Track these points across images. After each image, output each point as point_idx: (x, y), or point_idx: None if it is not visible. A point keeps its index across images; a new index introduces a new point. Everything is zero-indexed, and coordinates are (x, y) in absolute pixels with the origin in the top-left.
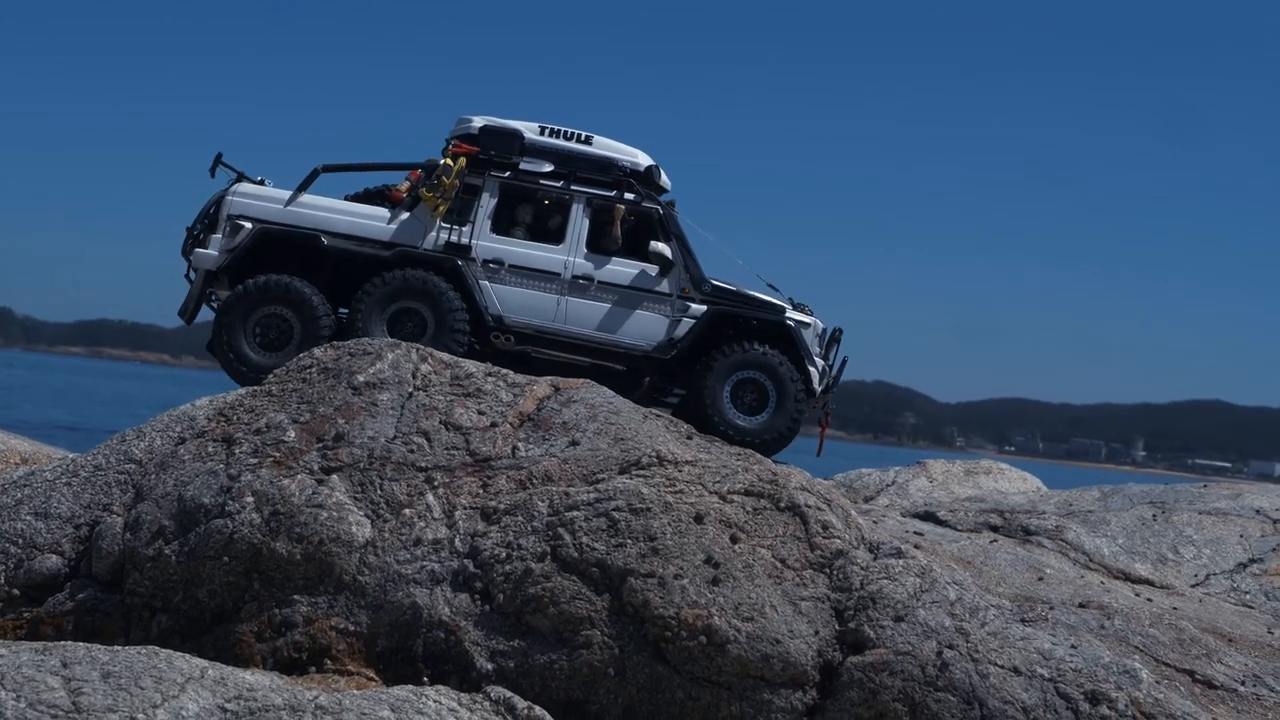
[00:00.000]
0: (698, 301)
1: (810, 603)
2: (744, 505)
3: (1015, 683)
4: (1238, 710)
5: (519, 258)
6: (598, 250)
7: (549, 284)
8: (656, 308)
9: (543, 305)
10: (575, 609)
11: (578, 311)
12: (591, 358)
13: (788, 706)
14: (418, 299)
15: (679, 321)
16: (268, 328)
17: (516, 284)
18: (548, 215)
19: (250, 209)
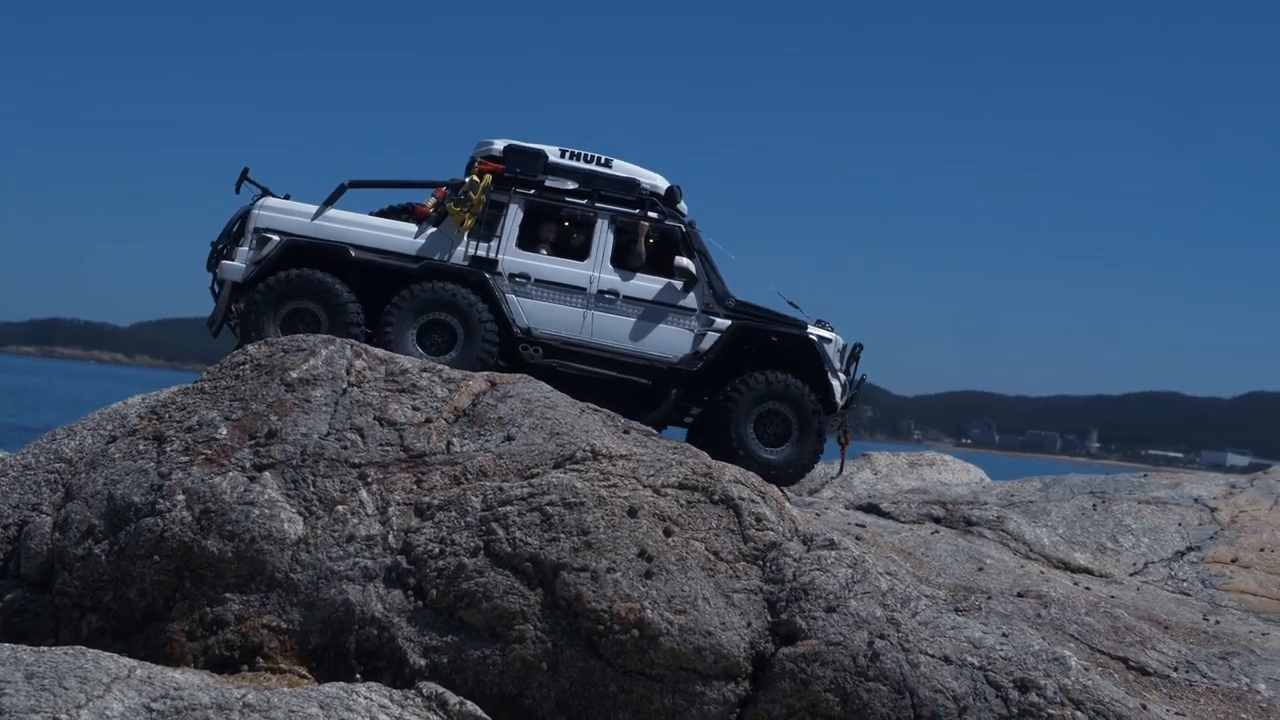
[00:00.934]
0: (722, 316)
1: (743, 595)
2: (678, 498)
3: (945, 671)
4: (1170, 696)
5: (545, 272)
6: (622, 266)
7: (575, 298)
8: (682, 321)
9: (569, 318)
10: (508, 604)
11: (604, 325)
12: (618, 371)
13: (720, 698)
14: (448, 311)
15: (704, 335)
16: (295, 322)
17: (543, 298)
18: (572, 232)
19: (277, 222)
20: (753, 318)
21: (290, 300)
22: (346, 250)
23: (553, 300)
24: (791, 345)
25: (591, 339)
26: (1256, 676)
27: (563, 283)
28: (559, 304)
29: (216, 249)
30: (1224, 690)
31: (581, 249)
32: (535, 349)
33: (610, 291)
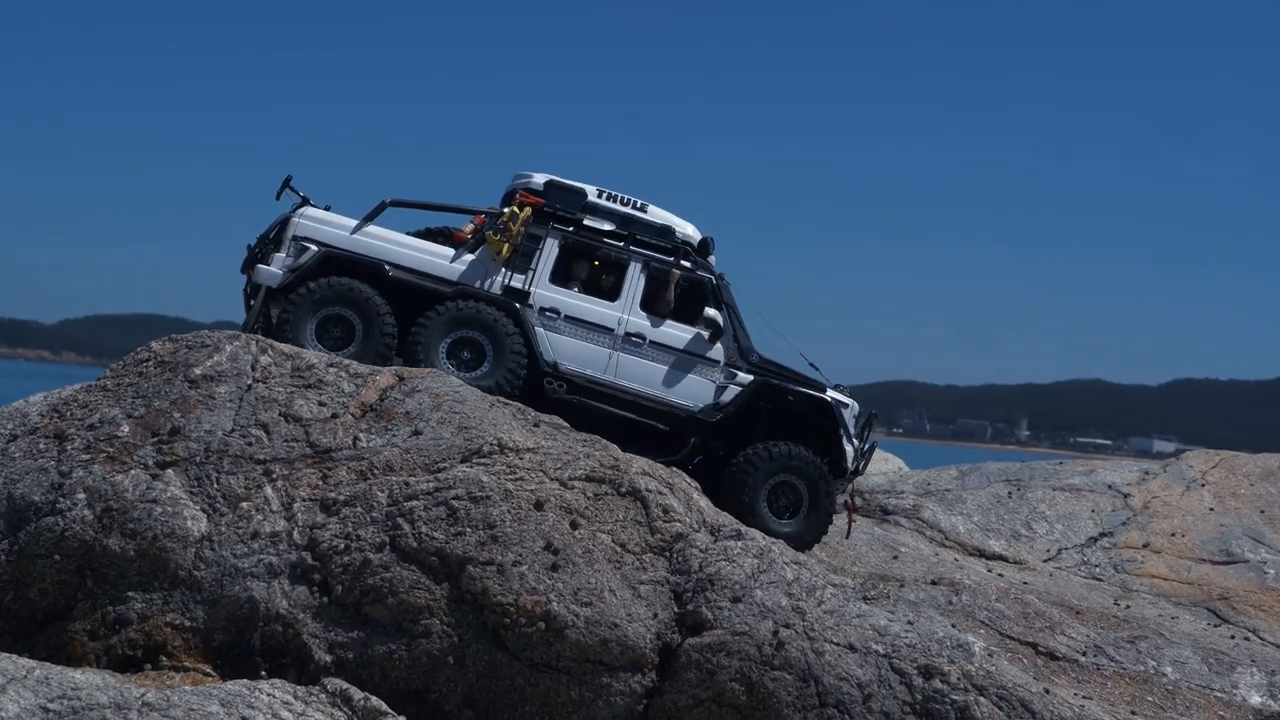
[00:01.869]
0: (744, 370)
1: (649, 586)
2: (585, 491)
3: (850, 659)
4: (1078, 680)
5: (575, 309)
6: (650, 311)
7: (602, 337)
8: (705, 372)
9: (595, 357)
10: (414, 598)
11: (629, 367)
12: (638, 414)
13: (626, 689)
14: (478, 329)
15: (725, 388)
16: (330, 328)
17: (571, 334)
18: (604, 272)
19: (316, 232)
20: (774, 375)
21: (328, 306)
22: (383, 267)
23: (580, 338)
24: (810, 407)
25: (615, 379)
26: (1163, 660)
27: (592, 321)
28: (586, 342)
29: (253, 253)
30: (1131, 673)
31: (611, 290)
32: (560, 384)
33: (637, 335)
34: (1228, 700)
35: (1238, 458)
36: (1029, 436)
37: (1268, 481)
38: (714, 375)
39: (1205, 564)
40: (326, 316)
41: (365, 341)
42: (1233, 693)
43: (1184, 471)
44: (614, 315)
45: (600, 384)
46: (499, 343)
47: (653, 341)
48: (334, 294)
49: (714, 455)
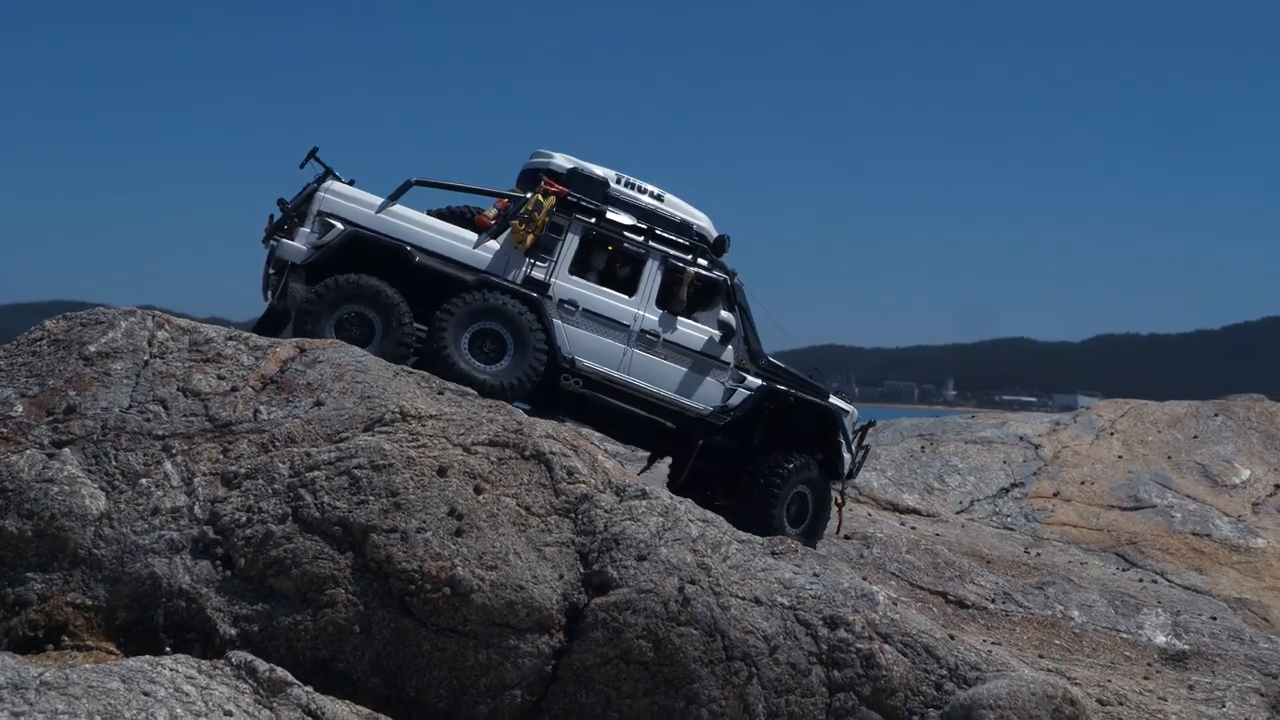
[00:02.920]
0: (753, 374)
1: (555, 548)
2: (488, 456)
3: (756, 613)
4: (988, 627)
5: (593, 303)
6: (664, 308)
7: (618, 333)
8: (716, 374)
9: (611, 353)
10: (318, 569)
11: (642, 364)
12: (648, 411)
13: (534, 651)
14: (501, 322)
15: (734, 391)
16: (349, 327)
17: (588, 328)
18: (619, 265)
19: (342, 209)
20: (781, 380)
21: (345, 304)
22: (409, 252)
23: (597, 332)
24: (814, 414)
25: (628, 377)
26: (1070, 604)
27: (609, 316)
28: (603, 337)
29: (275, 225)
30: (1039, 618)
31: (626, 282)
32: (576, 380)
33: (652, 332)
34: (1133, 641)
35: (1146, 406)
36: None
37: (1175, 428)
38: (724, 378)
39: (1114, 510)
40: (345, 316)
41: (384, 340)
42: (1138, 633)
43: (1093, 421)
44: (630, 311)
45: (615, 381)
46: (521, 337)
47: (666, 340)
48: (354, 292)
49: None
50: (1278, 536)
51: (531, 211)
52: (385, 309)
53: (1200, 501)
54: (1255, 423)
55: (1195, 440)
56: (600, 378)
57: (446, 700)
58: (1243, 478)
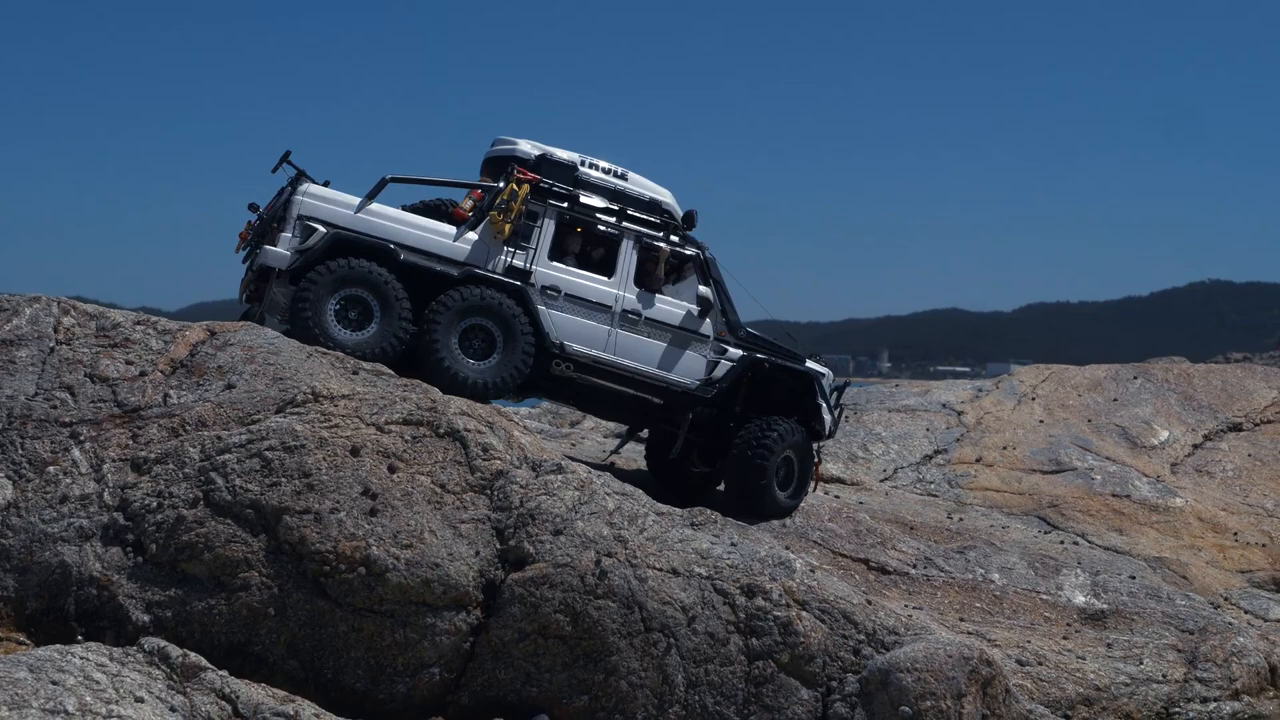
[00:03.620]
0: (733, 345)
1: (471, 525)
2: (403, 434)
3: (674, 583)
4: (909, 592)
5: (575, 287)
6: (642, 287)
7: (601, 315)
8: (698, 348)
9: (596, 335)
10: (231, 552)
11: (627, 344)
12: (636, 389)
13: (452, 628)
14: (490, 318)
15: (717, 364)
16: (348, 309)
17: (573, 312)
18: (594, 247)
19: (321, 211)
20: (762, 350)
21: (346, 287)
22: (394, 250)
23: (581, 315)
24: (794, 380)
25: (616, 357)
26: (991, 567)
27: (591, 299)
28: (587, 319)
29: (255, 230)
30: (960, 582)
31: (602, 263)
32: (567, 365)
33: (633, 311)
34: (1053, 601)
35: (1067, 370)
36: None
37: (1095, 392)
38: (705, 350)
39: (1036, 474)
40: (346, 298)
41: (383, 324)
42: (1058, 594)
43: (1015, 387)
44: (611, 293)
45: (604, 363)
46: (510, 332)
47: (648, 318)
48: (353, 275)
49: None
50: (1196, 496)
51: (507, 201)
52: (383, 292)
53: (1120, 463)
54: (1173, 385)
55: (1115, 403)
56: (590, 360)
57: (364, 680)
58: (1161, 439)
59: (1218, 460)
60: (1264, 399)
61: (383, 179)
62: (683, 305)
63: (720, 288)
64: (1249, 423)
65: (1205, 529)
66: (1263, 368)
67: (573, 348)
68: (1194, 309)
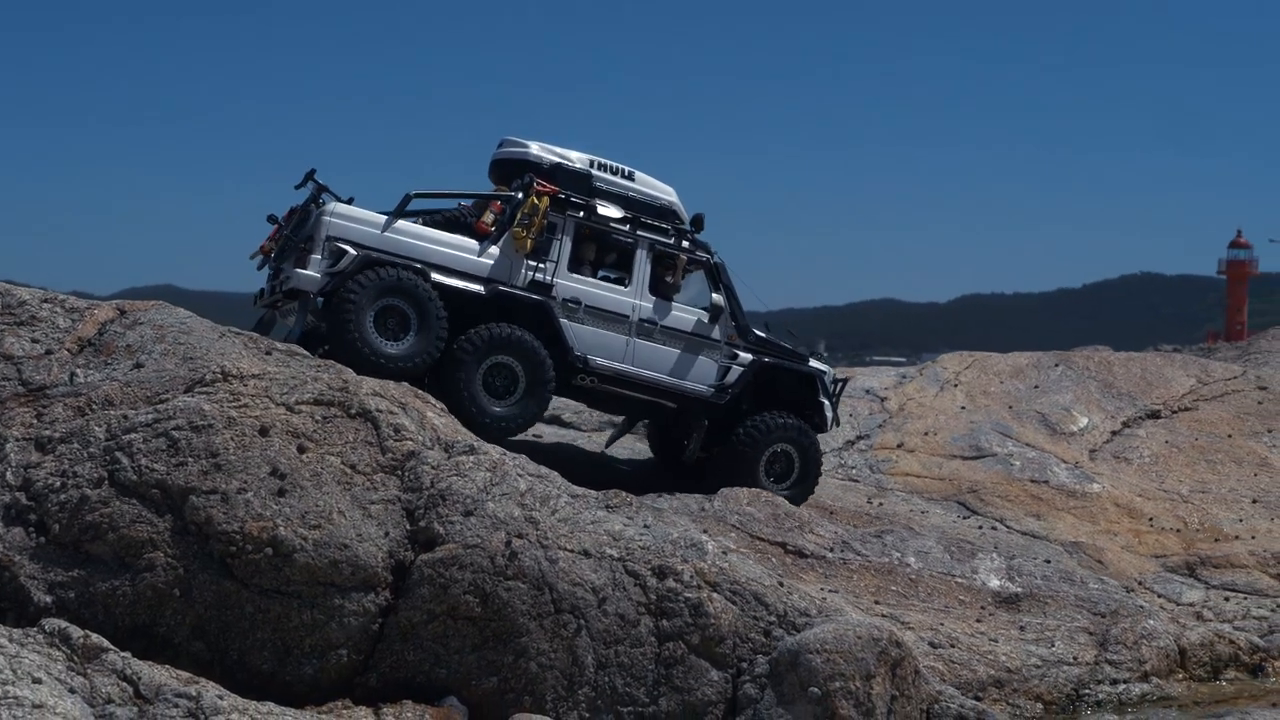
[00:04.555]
0: (743, 350)
1: (380, 505)
2: (313, 414)
3: (585, 565)
4: (826, 575)
5: (594, 298)
6: (656, 295)
7: (619, 325)
8: (710, 353)
9: (615, 346)
10: (136, 532)
11: (644, 353)
12: (653, 396)
13: (360, 609)
14: (515, 354)
15: (729, 369)
16: (386, 318)
17: (593, 324)
18: (608, 255)
19: (349, 232)
20: (769, 351)
21: (386, 297)
22: (424, 270)
23: (601, 327)
24: (800, 381)
25: (635, 369)
26: (907, 551)
27: (609, 310)
28: (607, 331)
29: (280, 250)
30: (876, 565)
31: (615, 267)
32: (591, 379)
33: (649, 320)
34: (968, 585)
35: (990, 358)
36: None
37: (1017, 379)
38: (717, 356)
39: (956, 459)
40: (385, 307)
41: (420, 336)
42: (973, 578)
43: (938, 374)
44: (629, 302)
45: (624, 375)
46: (534, 369)
47: (663, 326)
48: (391, 286)
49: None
50: (1113, 482)
51: (529, 215)
52: (422, 304)
53: (1039, 449)
54: (1094, 372)
55: (1036, 390)
56: (612, 373)
57: (271, 662)
58: (1080, 425)
59: (1135, 447)
60: (1182, 387)
61: (406, 195)
62: (695, 312)
63: (730, 292)
64: (1167, 410)
65: (1121, 514)
66: (1181, 356)
67: (596, 361)
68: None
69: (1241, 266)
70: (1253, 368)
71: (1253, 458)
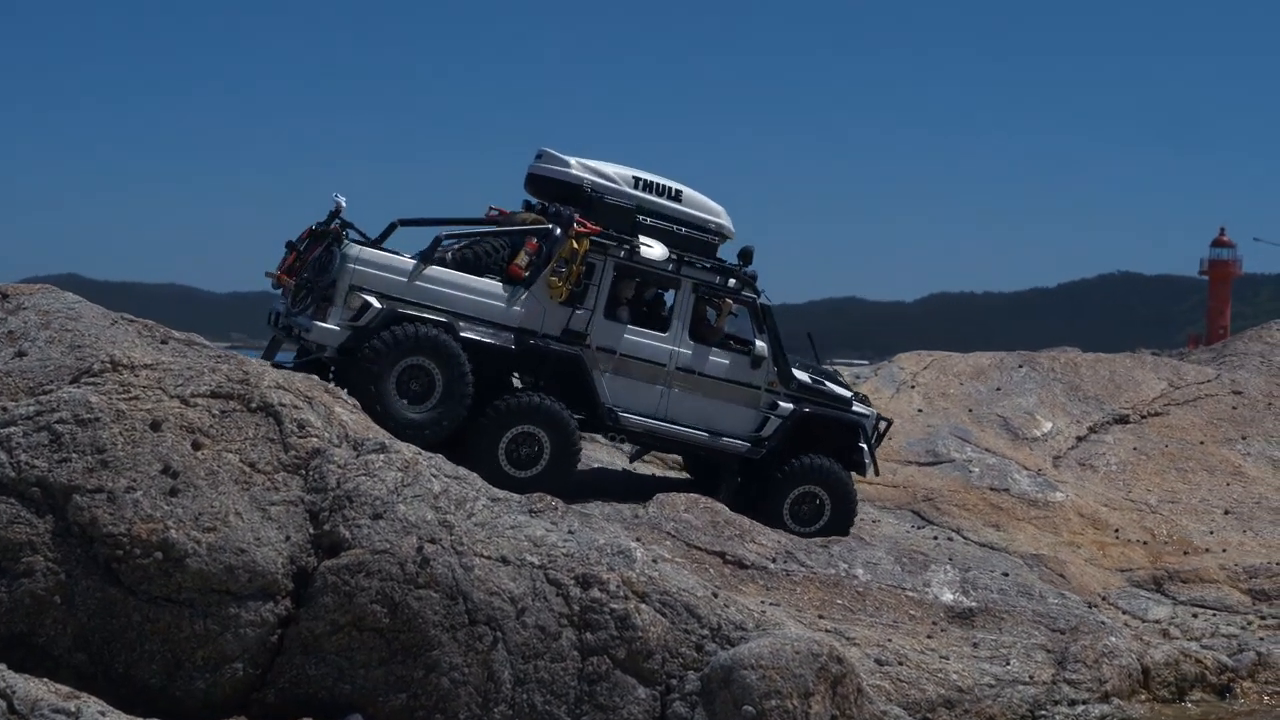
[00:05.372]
0: (783, 398)
1: (281, 507)
2: (210, 408)
3: (503, 573)
4: (767, 588)
5: (630, 346)
6: (697, 338)
7: (654, 374)
8: (749, 404)
9: (649, 398)
10: (14, 534)
11: (679, 406)
12: (686, 446)
13: (258, 619)
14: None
15: (767, 419)
16: (409, 379)
17: (626, 372)
18: (647, 291)
19: (372, 280)
20: (812, 400)
21: (409, 355)
22: (454, 327)
23: (635, 376)
24: (843, 429)
25: (665, 424)
26: (855, 562)
27: (645, 358)
28: (641, 381)
29: (297, 293)
30: (822, 577)
31: (658, 314)
32: (620, 437)
33: (687, 368)
34: (919, 599)
35: (950, 358)
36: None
37: (978, 380)
38: (756, 406)
39: (911, 465)
40: (408, 367)
41: (445, 400)
42: (925, 591)
43: (895, 374)
44: (666, 349)
45: (658, 434)
46: (562, 438)
47: (701, 374)
48: (415, 344)
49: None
50: (1077, 490)
51: (567, 260)
52: (448, 362)
53: (1000, 455)
54: (1060, 374)
55: (998, 392)
56: (643, 430)
57: (160, 676)
58: (1044, 430)
59: (1101, 454)
60: (1152, 390)
61: (437, 237)
62: (737, 357)
63: (774, 335)
64: (1136, 415)
65: (1085, 525)
66: (1153, 358)
67: (627, 418)
68: (1104, 301)
69: (1224, 266)
70: (1227, 371)
71: (1225, 466)
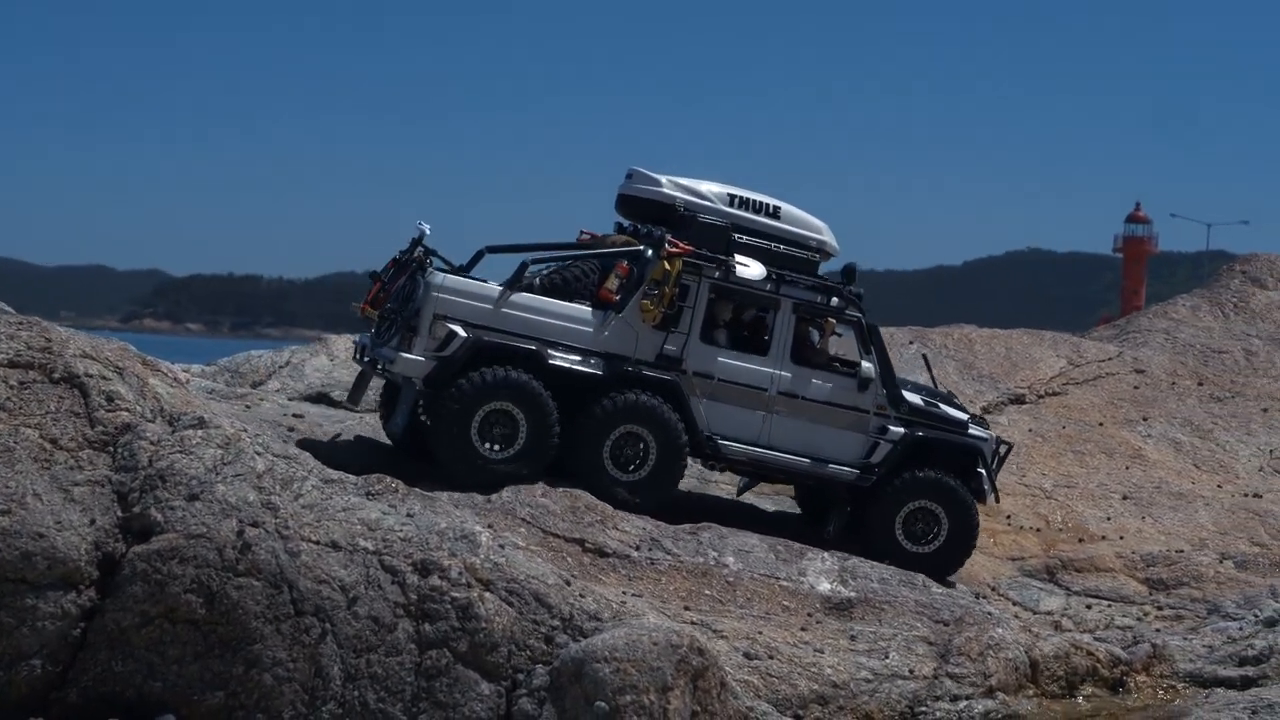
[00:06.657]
0: (893, 422)
1: (86, 488)
2: (7, 379)
3: (332, 559)
4: (629, 577)
5: (728, 371)
6: (799, 360)
7: (755, 399)
8: (856, 429)
9: (749, 425)
10: None
11: (781, 432)
12: (788, 477)
13: (57, 611)
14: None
15: (876, 445)
16: (492, 425)
17: (725, 398)
18: (746, 313)
19: (457, 309)
20: (925, 423)
21: (491, 400)
22: (543, 356)
23: (734, 402)
24: (960, 454)
25: (768, 451)
26: (726, 550)
27: (744, 383)
28: (740, 407)
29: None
30: (689, 567)
31: (759, 337)
32: (719, 467)
33: (789, 394)
34: (794, 589)
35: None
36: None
37: None
38: (864, 430)
39: None
40: (491, 411)
41: (532, 444)
42: (800, 580)
43: None
44: (767, 373)
45: (759, 462)
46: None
47: (804, 399)
48: (497, 387)
49: None
50: None
51: (659, 282)
52: (533, 405)
53: None
54: (952, 351)
55: None
56: (745, 458)
57: None
58: None
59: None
60: (1051, 369)
61: (523, 263)
62: (841, 380)
63: (882, 355)
64: (1032, 394)
65: None
66: (1051, 335)
67: (726, 446)
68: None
69: (1139, 243)
70: (1130, 348)
71: (1125, 449)
